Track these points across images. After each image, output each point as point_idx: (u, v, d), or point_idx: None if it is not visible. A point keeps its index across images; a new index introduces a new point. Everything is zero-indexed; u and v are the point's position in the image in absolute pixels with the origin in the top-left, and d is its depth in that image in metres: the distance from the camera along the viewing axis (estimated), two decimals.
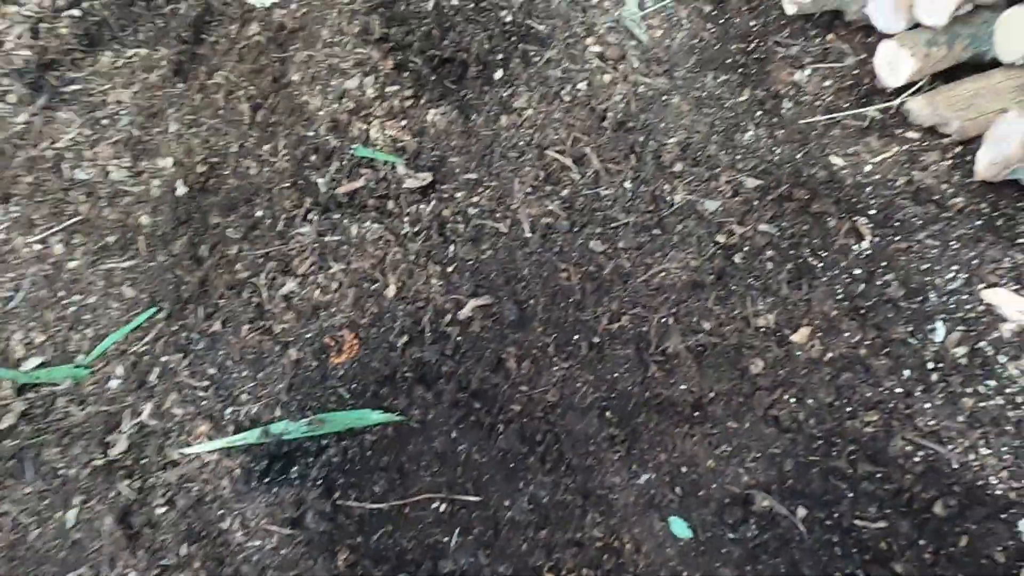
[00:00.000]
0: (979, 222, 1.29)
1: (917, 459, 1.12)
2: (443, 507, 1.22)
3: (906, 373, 1.18)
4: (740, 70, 1.57)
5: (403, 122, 1.61)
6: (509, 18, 1.68)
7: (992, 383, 1.15)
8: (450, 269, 1.43)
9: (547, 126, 1.55)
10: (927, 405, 1.15)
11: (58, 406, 1.46)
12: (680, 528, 1.14)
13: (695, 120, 1.51)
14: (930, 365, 1.19)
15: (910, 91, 1.41)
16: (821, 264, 1.31)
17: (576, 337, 1.34)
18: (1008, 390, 1.15)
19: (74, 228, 1.64)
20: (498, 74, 1.63)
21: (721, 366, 1.26)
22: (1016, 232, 1.27)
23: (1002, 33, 1.29)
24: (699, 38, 1.61)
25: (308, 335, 1.42)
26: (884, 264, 1.29)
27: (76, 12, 1.87)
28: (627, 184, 1.45)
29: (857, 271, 1.29)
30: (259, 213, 1.59)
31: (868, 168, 1.41)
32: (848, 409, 1.18)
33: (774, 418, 1.20)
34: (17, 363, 1.53)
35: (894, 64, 1.39)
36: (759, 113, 1.51)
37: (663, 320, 1.32)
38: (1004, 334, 1.18)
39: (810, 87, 1.52)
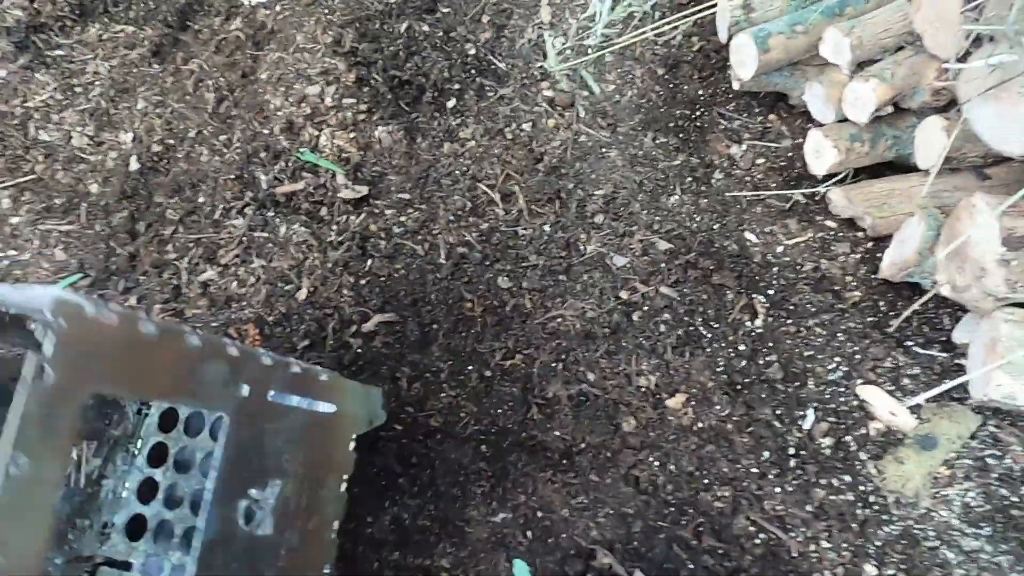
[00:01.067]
0: (871, 319, 1.31)
1: (758, 541, 1.14)
2: None
3: (765, 455, 1.20)
4: (680, 135, 1.61)
5: (352, 134, 1.66)
6: (472, 51, 1.73)
7: (847, 478, 1.17)
8: (363, 282, 1.47)
9: (484, 159, 1.59)
10: (778, 489, 1.17)
11: None
12: (522, 572, 1.16)
13: (626, 176, 1.55)
14: (791, 451, 1.20)
15: (832, 180, 1.45)
16: (710, 335, 1.33)
17: (470, 368, 1.37)
18: (861, 488, 1.16)
19: (26, 186, 1.71)
20: (451, 103, 1.68)
21: (597, 418, 1.28)
22: (904, 334, 1.29)
23: (921, 139, 1.32)
24: (647, 98, 1.66)
25: (215, 324, 1.46)
26: (770, 344, 1.31)
27: None
28: (546, 227, 1.49)
29: (742, 347, 1.31)
30: (201, 199, 1.65)
31: (780, 249, 1.43)
32: (705, 481, 1.20)
33: (635, 478, 1.22)
34: None
35: (820, 152, 1.43)
36: (689, 179, 1.54)
37: (551, 364, 1.34)
38: (871, 432, 1.20)
39: (743, 162, 1.56)
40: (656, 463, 1.23)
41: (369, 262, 1.50)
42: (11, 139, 1.76)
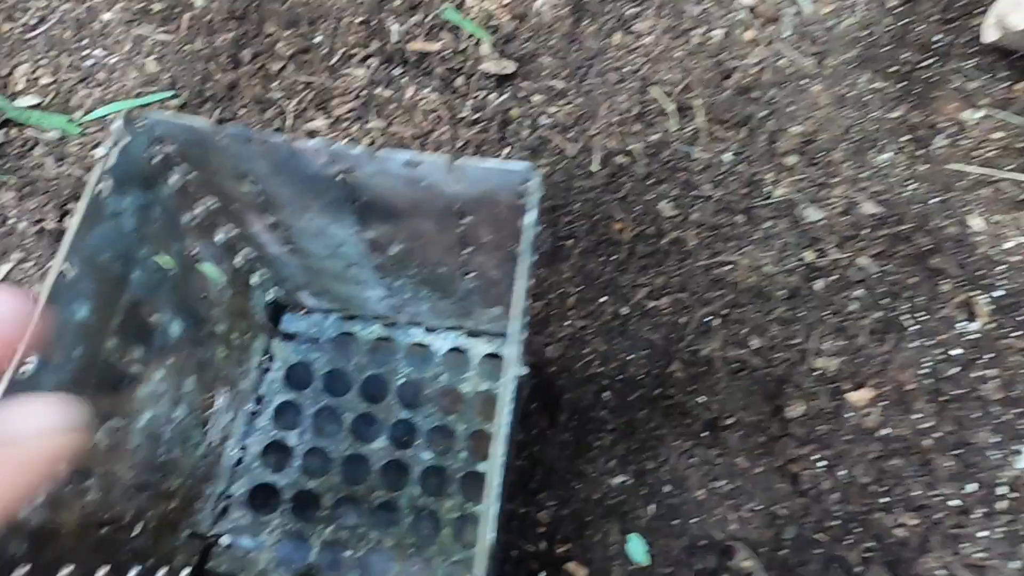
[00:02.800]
0: None
1: None
2: None
3: (971, 487, 0.96)
4: (902, 83, 1.31)
5: (507, 0, 1.39)
6: None
7: None
8: None
9: (662, 61, 1.32)
10: (983, 533, 0.93)
11: (35, 154, 1.31)
12: (637, 551, 0.95)
13: (830, 118, 1.27)
14: (1000, 490, 0.96)
15: None
16: (916, 327, 1.07)
17: (604, 299, 1.14)
18: None
19: None
20: None
21: (754, 393, 1.05)
22: None
23: None
24: (869, 31, 1.36)
25: None
26: (990, 356, 1.05)
27: None
28: (727, 156, 1.22)
29: (956, 351, 1.05)
30: (318, 39, 1.40)
31: (1009, 245, 1.16)
32: (884, 500, 0.96)
33: (792, 474, 0.99)
34: (12, 96, 1.38)
35: None
36: (906, 138, 1.26)
37: (708, 318, 1.10)
38: None
39: (975, 132, 1.26)
40: (822, 463, 1.00)
41: (506, 150, 1.25)
42: None
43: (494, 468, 0.51)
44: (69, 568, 0.61)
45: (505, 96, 1.31)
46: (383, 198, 0.70)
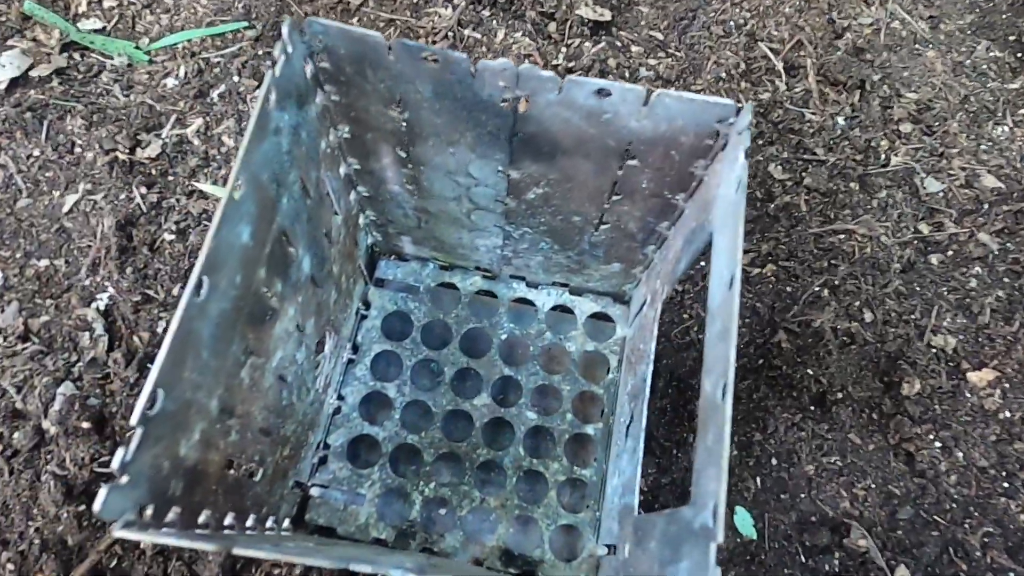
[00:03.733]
0: None
1: None
2: None
3: None
4: (1020, 54, 1.24)
5: None
6: None
7: None
8: None
9: (771, 16, 1.25)
10: None
11: (102, 81, 1.24)
12: (745, 523, 0.92)
13: (946, 85, 1.20)
14: None
15: None
16: None
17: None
18: None
19: None
20: None
21: (866, 368, 1.00)
22: None
23: None
24: None
25: None
26: None
27: None
28: (840, 119, 1.16)
29: None
30: None
31: None
32: (1005, 484, 0.93)
33: (907, 454, 0.95)
34: (75, 18, 1.30)
35: None
36: None
37: (819, 288, 1.05)
38: None
39: None
40: (939, 444, 0.96)
41: None
42: None
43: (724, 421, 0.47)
44: (207, 513, 0.56)
45: (601, 45, 1.24)
46: (548, 132, 0.64)
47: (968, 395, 0.98)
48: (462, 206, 0.81)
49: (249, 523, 0.68)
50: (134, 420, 0.43)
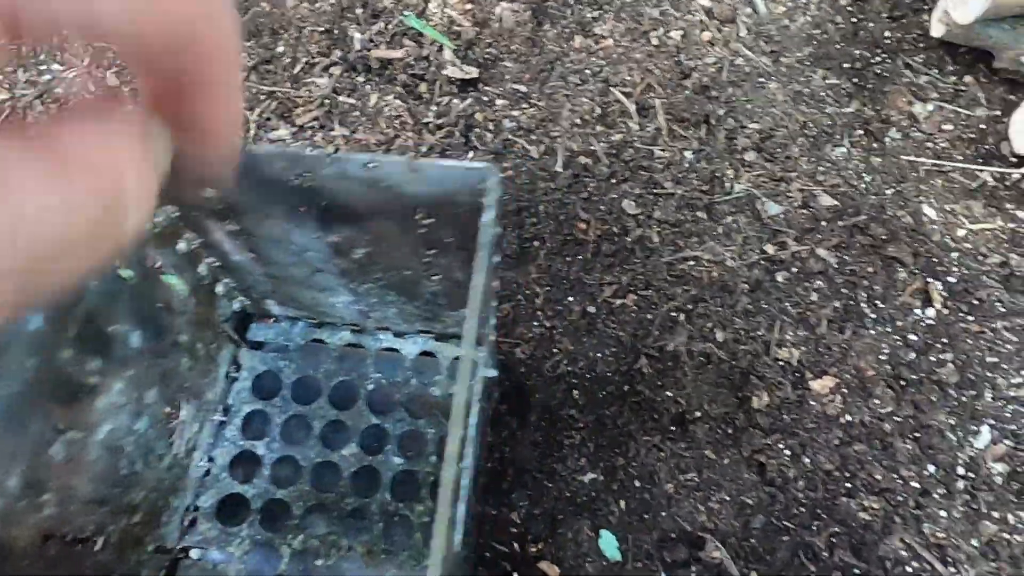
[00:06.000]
0: None
1: (909, 569, 0.93)
2: None
3: (931, 469, 0.99)
4: (855, 79, 1.35)
5: (468, 5, 1.40)
6: None
7: None
8: None
9: (622, 63, 1.34)
10: (943, 513, 0.96)
11: None
12: (610, 546, 0.96)
13: (787, 114, 1.30)
14: (960, 470, 0.99)
15: None
16: (874, 315, 1.10)
17: (571, 299, 1.15)
18: None
19: None
20: None
21: (721, 386, 1.06)
22: None
23: None
24: (822, 29, 1.40)
25: None
26: (945, 341, 1.08)
27: None
28: (688, 153, 1.25)
29: (912, 337, 1.08)
30: (280, 48, 1.40)
31: (961, 232, 1.19)
32: (848, 485, 0.99)
33: (759, 464, 1.01)
34: None
35: None
36: (860, 132, 1.29)
37: (673, 313, 1.12)
38: None
39: (926, 125, 1.30)
40: (788, 452, 1.02)
41: (471, 155, 1.26)
42: None
43: (455, 472, 0.52)
44: None
45: (468, 101, 1.32)
46: (344, 201, 0.70)
47: (812, 403, 1.04)
48: (302, 270, 0.87)
49: None
50: None
